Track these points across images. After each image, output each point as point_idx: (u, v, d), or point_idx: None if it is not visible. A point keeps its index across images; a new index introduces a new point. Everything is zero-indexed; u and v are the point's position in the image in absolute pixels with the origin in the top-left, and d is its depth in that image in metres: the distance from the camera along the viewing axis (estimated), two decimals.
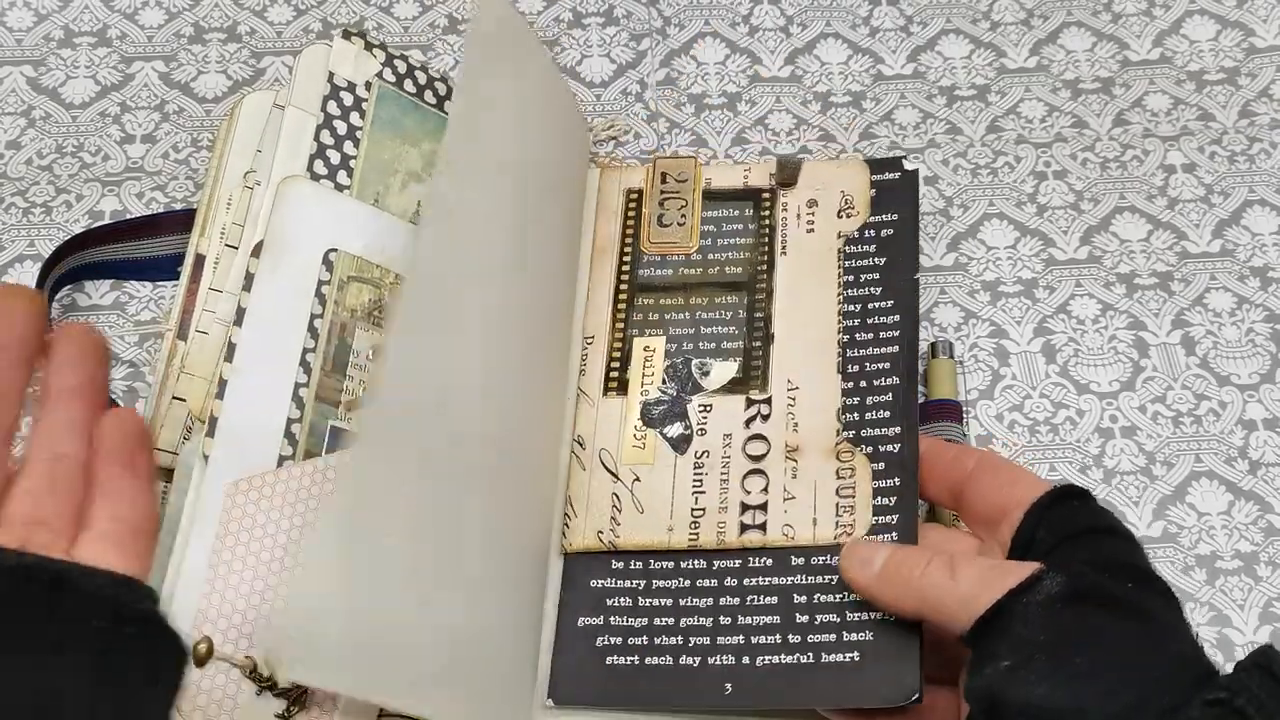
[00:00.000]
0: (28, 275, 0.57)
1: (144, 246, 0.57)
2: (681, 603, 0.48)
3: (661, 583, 0.49)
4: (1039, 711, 0.38)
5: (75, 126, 0.61)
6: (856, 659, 0.45)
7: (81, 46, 0.63)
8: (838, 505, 0.49)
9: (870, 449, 0.49)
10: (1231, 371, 0.56)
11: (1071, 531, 0.43)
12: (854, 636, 0.46)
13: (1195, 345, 0.57)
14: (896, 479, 0.48)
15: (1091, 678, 0.38)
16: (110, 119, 0.61)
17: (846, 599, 0.46)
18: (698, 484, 0.50)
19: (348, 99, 0.55)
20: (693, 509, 0.50)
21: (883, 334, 0.52)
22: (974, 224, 0.60)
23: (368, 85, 0.55)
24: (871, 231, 0.54)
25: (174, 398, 0.48)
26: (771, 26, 0.65)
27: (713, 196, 0.57)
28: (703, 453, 0.51)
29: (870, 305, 0.53)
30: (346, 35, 0.56)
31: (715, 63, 0.64)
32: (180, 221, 0.57)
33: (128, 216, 0.58)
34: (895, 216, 0.55)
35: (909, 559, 0.44)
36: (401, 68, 0.57)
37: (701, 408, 0.52)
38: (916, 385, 0.51)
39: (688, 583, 0.48)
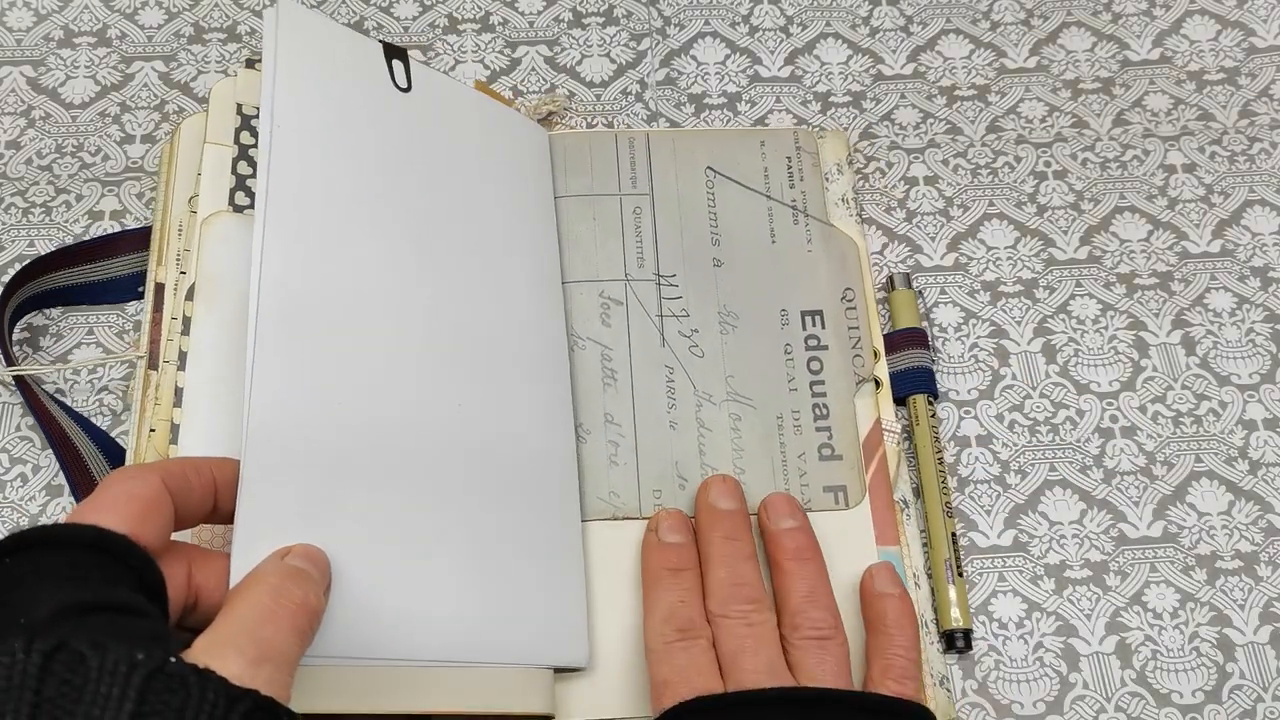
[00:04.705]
0: None
1: (100, 269, 0.56)
2: None
3: None
4: None
5: (75, 126, 0.61)
6: None
7: (81, 46, 0.63)
8: None
9: None
10: (1231, 371, 0.56)
11: None
12: None
13: (1195, 345, 0.57)
14: None
15: None
16: (110, 119, 0.61)
17: None
18: None
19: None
20: None
21: None
22: (974, 224, 0.60)
23: None
24: None
25: (151, 429, 0.49)
26: (771, 26, 0.65)
27: None
28: None
29: None
30: (250, 64, 0.55)
31: (715, 63, 0.64)
32: (135, 242, 0.56)
33: (120, 224, 0.58)
34: None
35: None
36: None
37: None
38: None
39: None
